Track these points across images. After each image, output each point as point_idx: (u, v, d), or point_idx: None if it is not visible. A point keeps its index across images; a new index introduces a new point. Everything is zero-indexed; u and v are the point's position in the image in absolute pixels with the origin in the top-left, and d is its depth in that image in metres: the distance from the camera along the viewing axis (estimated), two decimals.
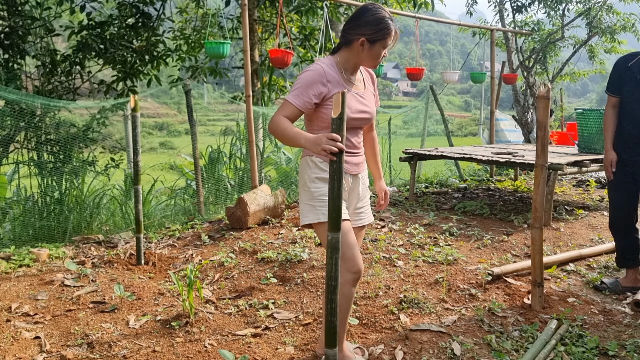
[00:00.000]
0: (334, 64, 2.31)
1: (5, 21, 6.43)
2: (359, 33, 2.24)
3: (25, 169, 5.59)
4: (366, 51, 2.26)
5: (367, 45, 2.24)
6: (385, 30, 2.23)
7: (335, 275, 1.92)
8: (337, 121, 1.80)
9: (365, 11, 2.26)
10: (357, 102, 2.33)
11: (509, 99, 12.01)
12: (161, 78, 7.92)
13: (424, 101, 9.30)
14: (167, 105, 39.29)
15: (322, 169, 2.31)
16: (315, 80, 2.21)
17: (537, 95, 3.01)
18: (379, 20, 2.22)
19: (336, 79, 2.27)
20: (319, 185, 2.31)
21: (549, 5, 8.95)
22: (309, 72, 2.23)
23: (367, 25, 2.22)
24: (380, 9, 2.24)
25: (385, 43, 2.25)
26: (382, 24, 2.22)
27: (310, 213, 2.33)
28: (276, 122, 2.20)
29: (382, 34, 2.23)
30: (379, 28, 2.22)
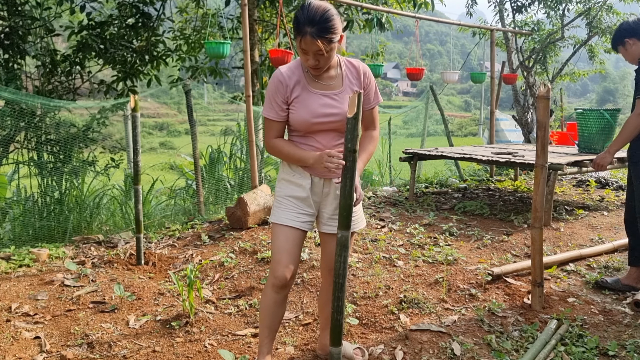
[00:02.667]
0: (299, 64, 2.21)
1: (5, 21, 6.43)
2: None
3: (25, 169, 5.59)
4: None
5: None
6: (294, 30, 2.06)
7: (343, 273, 1.94)
8: (352, 121, 1.84)
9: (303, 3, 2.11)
10: (322, 105, 2.18)
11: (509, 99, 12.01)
12: (161, 78, 7.92)
13: (424, 101, 9.30)
14: (167, 105, 39.29)
15: (289, 171, 2.29)
16: (277, 88, 2.16)
17: (537, 95, 3.01)
18: (294, 17, 2.06)
19: (298, 80, 2.18)
20: (281, 186, 2.31)
21: (549, 5, 8.94)
22: (270, 82, 2.19)
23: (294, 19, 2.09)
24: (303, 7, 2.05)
25: (297, 43, 2.08)
26: (294, 22, 2.06)
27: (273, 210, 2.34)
28: (273, 147, 2.21)
29: (294, 33, 2.08)
30: (294, 26, 2.07)
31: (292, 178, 2.28)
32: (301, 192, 2.27)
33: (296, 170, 2.28)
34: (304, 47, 2.04)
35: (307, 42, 2.02)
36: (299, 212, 2.27)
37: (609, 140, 5.94)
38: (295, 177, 2.28)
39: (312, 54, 2.06)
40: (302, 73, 2.19)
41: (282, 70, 2.18)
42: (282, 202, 2.29)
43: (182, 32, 9.19)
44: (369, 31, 8.25)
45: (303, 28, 2.02)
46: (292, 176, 2.28)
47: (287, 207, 2.27)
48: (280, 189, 2.32)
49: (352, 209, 1.93)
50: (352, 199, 1.91)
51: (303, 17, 2.02)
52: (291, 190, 2.28)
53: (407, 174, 7.50)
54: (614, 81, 64.21)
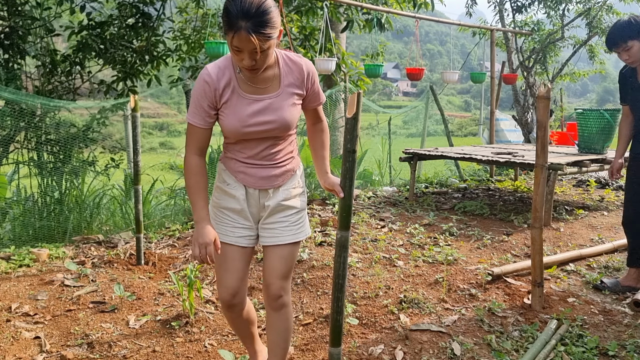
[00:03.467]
0: (229, 60, 1.92)
1: (5, 21, 6.42)
2: None
3: (25, 169, 5.59)
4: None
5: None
6: (225, 25, 1.75)
7: (342, 273, 1.94)
8: (351, 121, 1.81)
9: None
10: (255, 112, 1.92)
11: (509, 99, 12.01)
12: (161, 78, 7.92)
13: (424, 101, 9.30)
14: (167, 105, 39.31)
15: (222, 178, 2.07)
16: (204, 90, 1.88)
17: (537, 95, 3.01)
18: (224, 8, 1.76)
19: (228, 82, 1.89)
20: (216, 194, 2.10)
21: (549, 5, 8.94)
22: (197, 82, 1.91)
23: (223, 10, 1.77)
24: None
25: (228, 40, 1.77)
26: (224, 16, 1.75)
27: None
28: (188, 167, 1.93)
29: (225, 28, 1.77)
30: (223, 20, 1.77)
31: (226, 187, 2.05)
32: (235, 204, 2.04)
33: (229, 179, 2.05)
34: (238, 44, 1.75)
35: (242, 39, 1.73)
36: (235, 226, 2.05)
37: (609, 141, 5.95)
38: (229, 186, 2.04)
39: (248, 53, 1.76)
40: (234, 73, 1.90)
41: (209, 70, 1.88)
42: (217, 215, 2.08)
43: (182, 32, 9.18)
44: (369, 31, 8.25)
45: (236, 22, 1.71)
46: (226, 185, 2.05)
47: (223, 220, 2.06)
48: (215, 199, 2.10)
49: (351, 209, 1.93)
50: (352, 199, 1.91)
51: (236, 10, 1.71)
52: (226, 201, 2.05)
53: (407, 174, 7.50)
54: (614, 81, 63.97)
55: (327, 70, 5.72)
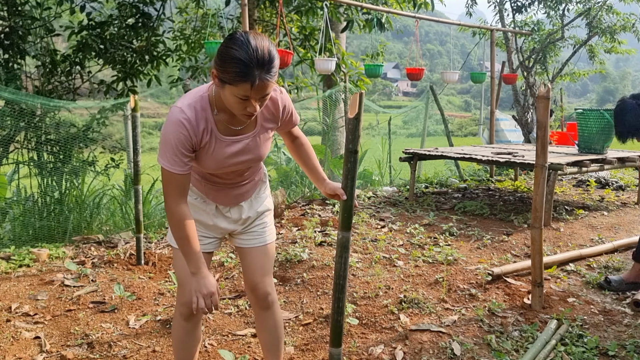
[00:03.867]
0: (205, 101, 1.78)
1: (5, 21, 6.42)
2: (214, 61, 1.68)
3: (25, 169, 5.59)
4: (219, 90, 1.71)
5: (217, 82, 1.68)
6: (233, 75, 1.61)
7: (343, 274, 1.94)
8: (354, 122, 1.81)
9: (229, 38, 1.65)
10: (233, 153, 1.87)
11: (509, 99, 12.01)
12: (161, 78, 7.92)
13: (424, 101, 9.30)
14: (167, 105, 39.26)
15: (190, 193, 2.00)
16: (183, 137, 1.73)
17: (537, 95, 3.01)
18: (228, 58, 1.61)
19: (206, 126, 1.78)
20: None
21: (549, 5, 8.95)
22: (171, 130, 1.73)
23: (218, 57, 1.64)
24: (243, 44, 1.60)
25: (235, 90, 1.64)
26: (229, 64, 1.61)
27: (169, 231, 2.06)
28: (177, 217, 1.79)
29: (227, 77, 1.63)
30: (226, 69, 1.62)
31: (195, 201, 2.00)
32: (206, 218, 2.02)
33: (198, 194, 2.01)
34: (251, 94, 1.64)
35: (258, 88, 1.63)
36: (203, 235, 2.03)
37: (609, 141, 5.94)
38: (198, 200, 2.01)
39: (257, 100, 1.68)
40: (211, 115, 1.79)
41: (187, 113, 1.73)
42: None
43: (182, 32, 9.19)
44: (369, 31, 8.25)
45: (252, 72, 1.60)
46: (195, 199, 2.01)
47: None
48: None
49: (352, 210, 1.93)
50: (353, 200, 1.91)
51: (249, 59, 1.59)
52: (195, 213, 1.99)
53: (407, 174, 7.50)
54: (614, 81, 64.19)
55: (327, 70, 5.72)
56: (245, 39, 1.62)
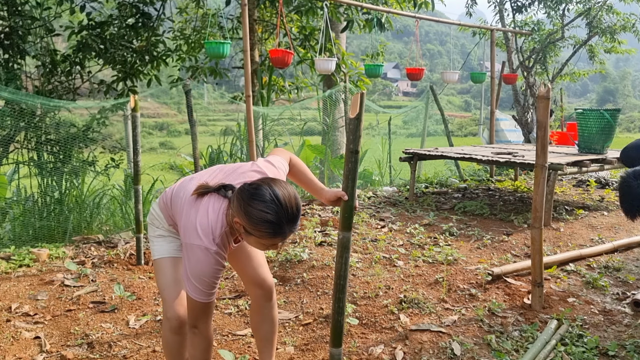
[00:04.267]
0: (228, 229, 1.81)
1: (5, 21, 6.42)
2: (237, 214, 1.72)
3: (25, 169, 5.59)
4: (243, 234, 1.77)
5: (242, 229, 1.75)
6: (265, 233, 1.70)
7: (344, 274, 1.95)
8: (355, 122, 1.81)
9: (256, 197, 1.69)
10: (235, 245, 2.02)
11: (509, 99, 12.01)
12: (161, 78, 7.92)
13: (424, 101, 9.30)
14: (167, 105, 39.28)
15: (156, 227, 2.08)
16: (217, 276, 1.80)
17: (537, 95, 3.01)
18: (261, 221, 1.67)
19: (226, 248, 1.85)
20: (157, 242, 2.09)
21: (549, 5, 8.95)
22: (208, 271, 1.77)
23: (247, 216, 1.69)
24: (275, 204, 1.67)
25: (264, 241, 1.74)
26: (262, 225, 1.68)
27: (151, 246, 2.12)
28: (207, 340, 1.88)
29: (259, 234, 1.71)
30: (257, 229, 1.70)
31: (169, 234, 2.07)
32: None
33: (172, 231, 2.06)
34: (275, 243, 1.76)
35: (284, 239, 1.75)
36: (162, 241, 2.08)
37: (609, 141, 5.94)
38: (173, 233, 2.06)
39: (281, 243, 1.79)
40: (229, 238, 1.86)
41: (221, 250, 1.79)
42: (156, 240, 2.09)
43: (182, 32, 9.19)
44: (369, 31, 8.25)
45: (283, 230, 1.70)
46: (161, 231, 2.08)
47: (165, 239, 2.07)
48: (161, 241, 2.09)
49: (353, 210, 1.93)
50: (354, 200, 1.91)
51: (280, 219, 1.68)
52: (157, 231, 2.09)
53: (407, 174, 7.50)
54: (614, 81, 64.21)
55: (327, 70, 5.72)
56: (273, 197, 1.67)
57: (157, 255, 2.07)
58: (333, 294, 1.98)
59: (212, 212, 1.79)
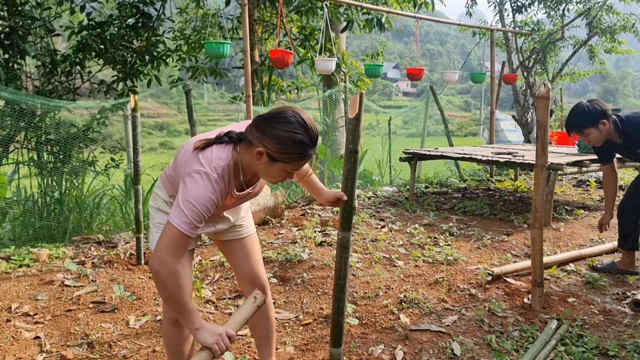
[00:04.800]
0: (232, 170, 1.79)
1: (5, 21, 6.43)
2: (260, 139, 1.71)
3: (25, 169, 5.59)
4: (264, 165, 1.75)
5: (265, 158, 1.72)
6: (293, 155, 1.71)
7: (344, 274, 1.95)
8: (354, 122, 1.81)
9: (281, 120, 1.70)
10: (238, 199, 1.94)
11: (509, 99, 12.02)
12: (161, 78, 7.93)
13: (424, 101, 9.30)
14: (167, 105, 39.28)
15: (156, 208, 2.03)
16: (207, 207, 1.72)
17: (537, 95, 3.01)
18: (289, 142, 1.68)
19: (227, 188, 1.80)
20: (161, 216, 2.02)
21: (549, 5, 8.95)
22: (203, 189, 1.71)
23: (273, 140, 1.69)
24: (300, 127, 1.69)
25: (290, 166, 1.75)
26: (291, 147, 1.69)
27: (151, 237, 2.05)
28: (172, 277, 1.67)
29: (287, 157, 1.71)
30: (286, 150, 1.69)
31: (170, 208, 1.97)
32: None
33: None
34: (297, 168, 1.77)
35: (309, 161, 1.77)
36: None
37: None
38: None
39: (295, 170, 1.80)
40: (233, 181, 1.82)
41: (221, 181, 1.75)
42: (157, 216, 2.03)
43: (182, 32, 9.20)
44: (369, 31, 8.25)
45: (310, 152, 1.72)
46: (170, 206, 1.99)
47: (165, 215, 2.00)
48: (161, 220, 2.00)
49: (352, 210, 1.93)
50: (354, 200, 1.91)
51: (311, 140, 1.71)
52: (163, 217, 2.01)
53: (407, 174, 7.50)
54: (614, 81, 64.24)
55: (327, 70, 5.72)
56: (298, 118, 1.70)
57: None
58: (333, 294, 1.98)
59: (217, 150, 1.78)
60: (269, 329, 2.27)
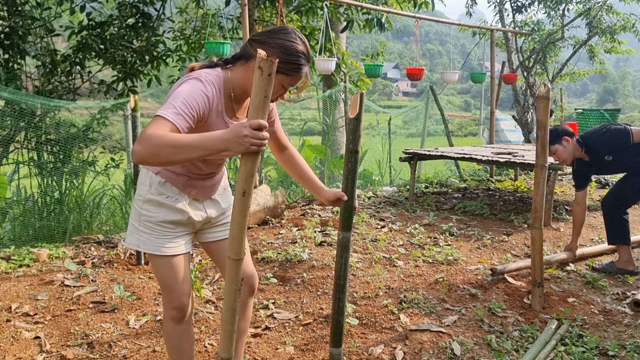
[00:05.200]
0: (221, 82, 1.79)
1: (5, 21, 6.43)
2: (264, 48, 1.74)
3: (25, 169, 5.59)
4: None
5: None
6: (294, 65, 1.77)
7: (344, 274, 1.94)
8: (354, 122, 1.81)
9: (281, 31, 1.80)
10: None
11: (509, 99, 12.02)
12: (161, 78, 7.92)
13: (424, 101, 9.30)
14: None
15: (160, 192, 1.91)
16: (202, 99, 1.69)
17: (537, 95, 3.02)
18: (292, 50, 1.76)
19: (217, 104, 1.78)
20: (148, 209, 1.92)
21: (549, 5, 8.95)
22: (193, 85, 1.70)
23: (276, 49, 1.74)
24: (300, 40, 1.79)
25: (288, 79, 1.79)
26: (293, 56, 1.76)
27: (132, 235, 1.95)
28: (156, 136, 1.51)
29: (288, 67, 1.76)
30: (288, 59, 1.75)
31: (166, 200, 1.91)
32: (178, 216, 1.94)
33: (169, 191, 1.92)
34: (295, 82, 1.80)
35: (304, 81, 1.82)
36: (177, 236, 1.95)
37: None
38: (170, 199, 1.91)
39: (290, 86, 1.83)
40: (222, 97, 1.80)
41: (208, 85, 1.73)
42: (154, 229, 1.91)
43: (182, 32, 9.19)
44: (369, 31, 8.25)
45: (306, 65, 1.81)
46: (166, 198, 1.91)
47: (164, 233, 1.92)
48: (148, 213, 1.91)
49: (353, 210, 1.92)
50: (354, 200, 1.91)
51: (307, 53, 1.80)
52: (165, 214, 1.92)
53: (407, 174, 7.50)
54: (614, 81, 64.21)
55: (327, 70, 5.72)
56: (299, 35, 1.80)
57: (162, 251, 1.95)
58: (333, 294, 1.98)
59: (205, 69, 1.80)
60: (246, 326, 2.20)
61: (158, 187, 1.91)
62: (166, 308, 2.00)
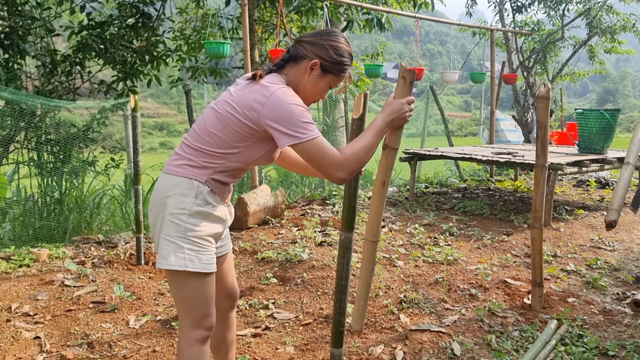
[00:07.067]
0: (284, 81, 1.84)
1: (5, 21, 6.43)
2: (315, 52, 1.80)
3: (25, 169, 5.59)
4: (313, 79, 1.81)
5: (317, 71, 1.81)
6: (343, 66, 1.85)
7: (345, 275, 1.95)
8: (358, 122, 1.82)
9: (332, 34, 1.86)
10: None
11: (509, 99, 12.02)
12: (161, 78, 7.93)
13: (424, 101, 9.30)
14: (167, 105, 39.30)
15: (207, 202, 1.78)
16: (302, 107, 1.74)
17: (537, 95, 3.02)
18: (343, 52, 1.84)
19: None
20: (195, 222, 1.76)
21: (549, 5, 8.95)
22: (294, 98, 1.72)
23: (329, 50, 1.81)
24: (346, 42, 1.88)
25: (335, 80, 1.86)
26: (344, 57, 1.84)
27: (175, 255, 1.74)
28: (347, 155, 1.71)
29: (338, 68, 1.83)
30: (339, 60, 1.82)
31: (212, 210, 1.79)
32: (220, 227, 1.85)
33: (213, 199, 1.80)
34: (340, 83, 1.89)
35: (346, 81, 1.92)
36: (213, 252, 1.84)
37: (609, 141, 5.94)
38: (215, 208, 1.81)
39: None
40: None
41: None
42: (202, 246, 1.77)
43: (182, 33, 9.18)
44: (369, 31, 8.25)
45: (351, 64, 1.89)
46: (212, 208, 1.79)
47: (208, 249, 1.80)
48: (195, 227, 1.76)
49: (355, 211, 1.92)
50: (356, 201, 1.91)
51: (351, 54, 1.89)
52: (210, 227, 1.80)
53: (407, 174, 7.50)
54: (614, 81, 64.18)
55: None
56: (345, 37, 1.88)
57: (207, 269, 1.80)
58: (334, 295, 1.98)
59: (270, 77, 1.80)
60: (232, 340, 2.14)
61: (206, 196, 1.78)
62: (193, 329, 1.81)
